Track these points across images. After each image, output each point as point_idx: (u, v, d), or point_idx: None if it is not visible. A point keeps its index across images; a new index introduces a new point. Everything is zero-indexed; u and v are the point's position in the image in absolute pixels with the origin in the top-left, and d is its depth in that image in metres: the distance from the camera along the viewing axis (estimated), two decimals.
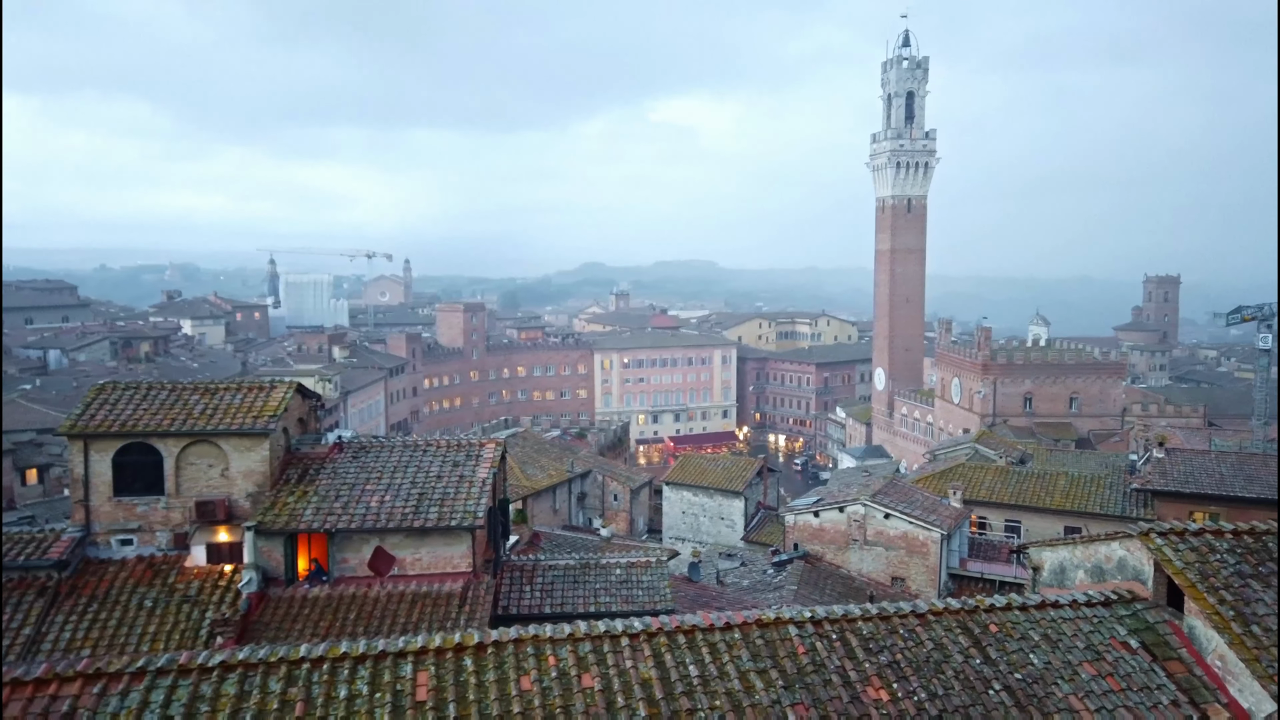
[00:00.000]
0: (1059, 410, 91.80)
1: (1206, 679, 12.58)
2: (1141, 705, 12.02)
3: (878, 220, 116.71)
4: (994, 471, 46.87)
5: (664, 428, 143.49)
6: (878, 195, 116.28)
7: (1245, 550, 13.86)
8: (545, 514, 47.40)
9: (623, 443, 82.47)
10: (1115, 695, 12.13)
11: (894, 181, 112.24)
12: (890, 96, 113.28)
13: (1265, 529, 14.41)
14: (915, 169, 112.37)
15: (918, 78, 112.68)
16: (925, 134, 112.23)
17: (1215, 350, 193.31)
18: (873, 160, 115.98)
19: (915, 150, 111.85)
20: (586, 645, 12.17)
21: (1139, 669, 12.65)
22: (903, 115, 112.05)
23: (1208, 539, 14.08)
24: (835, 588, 33.63)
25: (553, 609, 22.49)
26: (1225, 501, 35.84)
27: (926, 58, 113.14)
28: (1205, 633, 12.90)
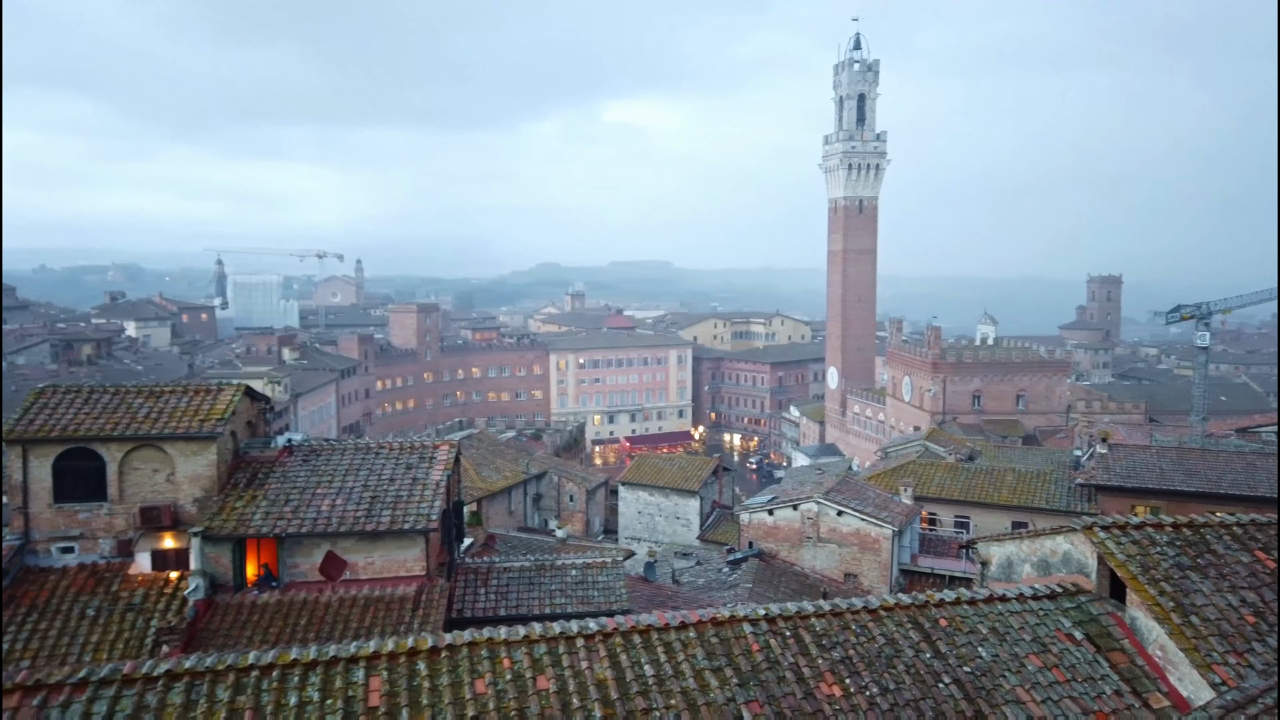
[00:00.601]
0: (1007, 408, 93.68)
1: (1148, 668, 12.92)
2: (1086, 695, 12.31)
3: (830, 221, 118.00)
4: (944, 468, 47.64)
5: (620, 428, 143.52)
6: (830, 196, 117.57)
7: (1184, 543, 14.28)
8: (500, 516, 47.11)
9: (579, 443, 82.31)
10: (1061, 686, 12.41)
11: (846, 183, 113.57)
12: (842, 99, 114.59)
13: (1203, 522, 14.85)
14: (866, 170, 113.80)
15: (869, 80, 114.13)
16: (876, 136, 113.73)
17: (1156, 348, 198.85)
18: (825, 162, 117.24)
19: (866, 152, 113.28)
20: (542, 647, 12.13)
21: (1083, 660, 12.96)
22: (854, 117, 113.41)
23: (1148, 532, 14.48)
24: (789, 585, 33.92)
25: (508, 611, 22.37)
26: (1165, 495, 36.82)
27: (877, 61, 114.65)
28: (1146, 623, 13.26)
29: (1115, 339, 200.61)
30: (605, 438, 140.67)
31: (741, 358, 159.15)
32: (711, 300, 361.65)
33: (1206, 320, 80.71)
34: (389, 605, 20.33)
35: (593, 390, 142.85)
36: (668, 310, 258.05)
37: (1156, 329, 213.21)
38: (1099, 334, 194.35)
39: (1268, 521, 14.87)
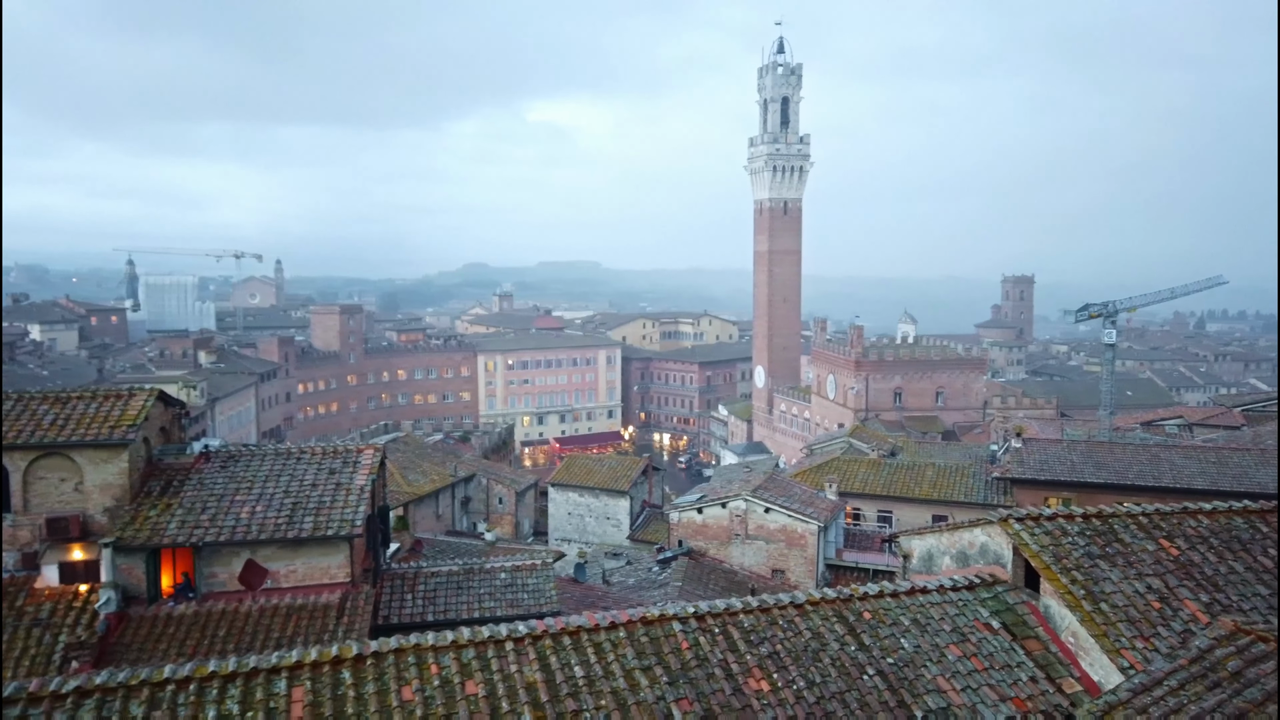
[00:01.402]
0: (926, 404, 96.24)
1: (1061, 655, 13.42)
2: (1003, 683, 12.73)
3: (756, 222, 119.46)
4: (867, 464, 48.67)
5: (549, 429, 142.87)
6: (755, 198, 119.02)
7: (1094, 533, 14.86)
8: (428, 520, 46.46)
9: (508, 445, 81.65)
10: (979, 674, 12.80)
11: (771, 185, 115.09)
12: (766, 102, 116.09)
13: (1111, 512, 15.49)
14: (791, 173, 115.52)
15: (792, 84, 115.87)
16: (800, 139, 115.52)
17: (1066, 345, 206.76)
18: (750, 164, 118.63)
19: (791, 154, 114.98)
20: (470, 652, 12.01)
21: (1000, 648, 13.39)
22: (778, 120, 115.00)
23: (1060, 523, 15.03)
24: (718, 582, 34.23)
25: (436, 617, 22.07)
26: (1076, 487, 38.28)
27: (800, 64, 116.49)
28: (1059, 611, 13.77)
29: (1028, 337, 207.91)
30: (535, 439, 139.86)
31: (670, 358, 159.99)
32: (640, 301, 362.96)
33: (1113, 319, 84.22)
34: (312, 614, 19.86)
35: (522, 391, 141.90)
36: (597, 311, 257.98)
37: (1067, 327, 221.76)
38: (1013, 332, 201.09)
39: (1170, 511, 15.58)
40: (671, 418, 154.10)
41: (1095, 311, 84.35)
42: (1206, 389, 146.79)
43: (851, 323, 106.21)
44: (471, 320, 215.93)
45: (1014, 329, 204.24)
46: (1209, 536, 14.89)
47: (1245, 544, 14.78)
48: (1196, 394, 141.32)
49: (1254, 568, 14.28)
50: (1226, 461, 38.22)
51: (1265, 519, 15.42)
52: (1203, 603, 13.42)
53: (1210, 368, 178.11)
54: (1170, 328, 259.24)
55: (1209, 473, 37.20)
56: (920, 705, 12.04)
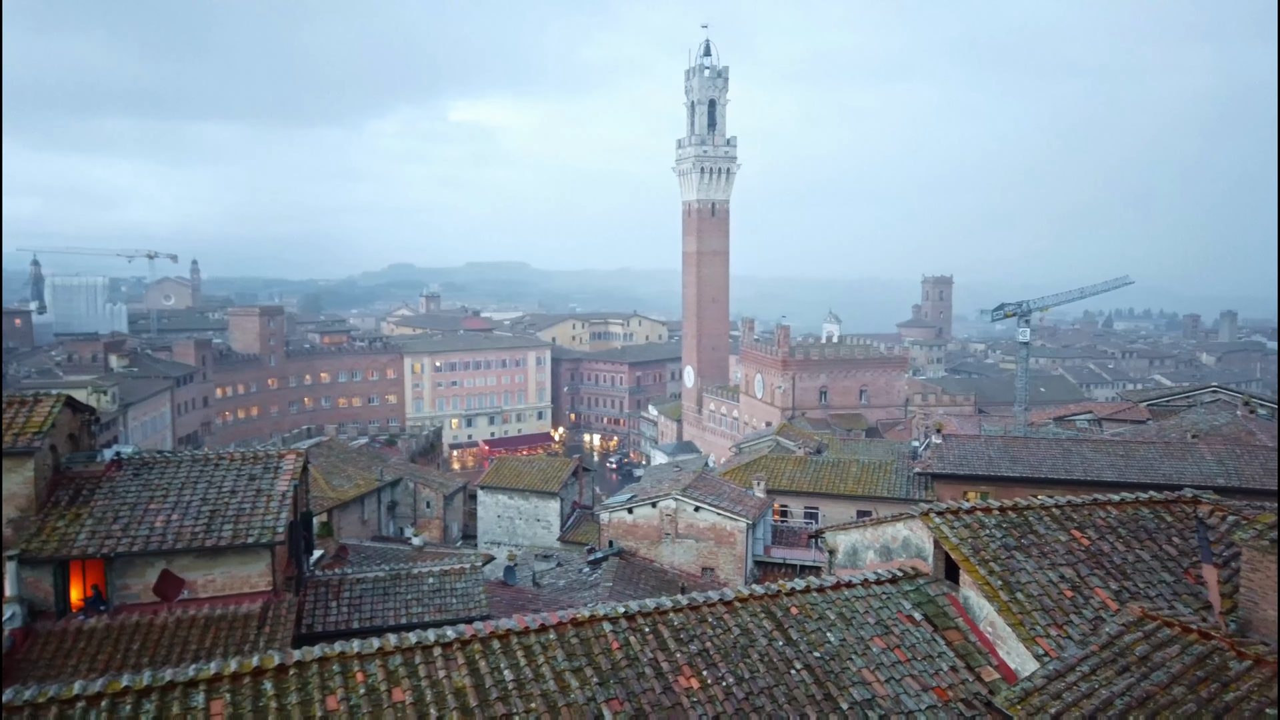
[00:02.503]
0: (851, 402, 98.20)
1: (980, 644, 13.84)
2: (925, 673, 13.07)
3: (684, 223, 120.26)
4: (794, 462, 49.41)
5: (478, 431, 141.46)
6: (684, 199, 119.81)
7: (1010, 525, 15.37)
8: (353, 526, 45.54)
9: (435, 448, 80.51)
10: (902, 666, 13.12)
11: (699, 186, 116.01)
12: (694, 104, 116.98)
13: (1026, 505, 16.03)
14: (718, 174, 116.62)
15: (719, 86, 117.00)
16: (727, 141, 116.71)
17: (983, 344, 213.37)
18: (678, 165, 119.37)
19: (718, 156, 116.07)
20: (397, 658, 11.83)
21: (922, 639, 13.74)
22: (705, 122, 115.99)
23: (978, 516, 15.50)
24: (649, 582, 34.34)
25: (361, 624, 21.65)
26: (993, 481, 39.48)
27: (726, 67, 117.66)
28: (978, 602, 14.19)
29: (947, 336, 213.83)
30: (463, 441, 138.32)
31: (600, 358, 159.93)
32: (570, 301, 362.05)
33: (1027, 318, 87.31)
34: (232, 624, 19.28)
35: (449, 393, 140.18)
36: (526, 312, 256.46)
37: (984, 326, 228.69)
38: (933, 331, 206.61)
39: (1081, 502, 16.21)
40: (602, 418, 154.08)
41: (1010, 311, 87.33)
42: (1114, 385, 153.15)
43: (778, 323, 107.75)
44: (398, 322, 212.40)
45: (934, 328, 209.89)
46: (1117, 526, 15.53)
47: (1151, 533, 15.46)
48: (1105, 390, 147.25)
49: (1159, 556, 14.95)
50: (1133, 454, 39.88)
51: (1169, 509, 16.15)
52: (1112, 590, 13.99)
53: (1118, 364, 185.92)
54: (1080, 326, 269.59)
55: (1117, 465, 38.76)
56: (846, 697, 12.29)
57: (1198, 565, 14.58)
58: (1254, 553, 12.04)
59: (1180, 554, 14.96)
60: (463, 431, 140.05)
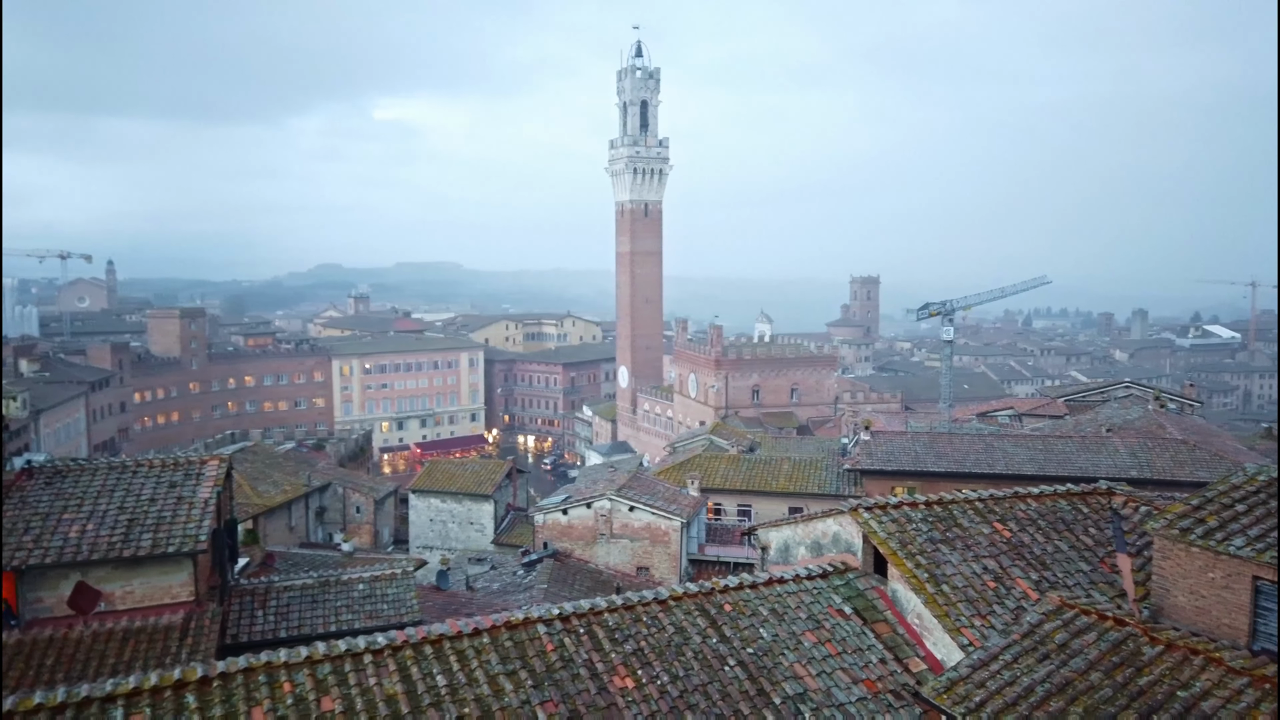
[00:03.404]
0: (782, 400, 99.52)
1: (907, 636, 14.16)
2: (855, 666, 13.32)
3: (618, 224, 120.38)
4: (727, 460, 49.85)
5: (410, 434, 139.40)
6: (617, 200, 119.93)
7: (936, 519, 15.76)
8: (280, 532, 44.44)
9: (365, 452, 79.07)
10: (833, 659, 13.35)
11: (631, 187, 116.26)
12: (626, 105, 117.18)
13: (951, 499, 16.45)
14: (651, 175, 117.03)
15: (650, 87, 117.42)
16: (659, 142, 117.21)
17: (909, 342, 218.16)
18: (611, 166, 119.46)
19: (650, 157, 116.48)
20: (326, 667, 11.59)
21: (852, 633, 14.01)
22: (638, 123, 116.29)
23: (905, 511, 15.86)
24: (584, 582, 34.27)
25: (289, 633, 21.12)
26: (920, 476, 40.40)
27: (658, 69, 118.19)
28: (906, 595, 14.52)
29: (875, 335, 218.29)
30: (394, 445, 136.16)
31: (534, 359, 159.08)
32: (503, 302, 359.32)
33: (950, 317, 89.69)
34: (153, 636, 18.65)
35: (380, 396, 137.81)
36: (458, 312, 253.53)
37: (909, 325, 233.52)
38: (861, 330, 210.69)
39: (1003, 496, 16.70)
40: (536, 419, 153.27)
41: (935, 310, 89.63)
42: (1034, 381, 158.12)
43: (711, 323, 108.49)
44: (325, 323, 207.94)
45: (862, 327, 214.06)
46: (1037, 518, 16.05)
47: (1069, 524, 16.02)
48: (1025, 386, 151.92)
49: (1077, 546, 15.50)
50: (1052, 448, 41.25)
51: (1086, 501, 16.76)
52: (1033, 580, 14.46)
53: (1037, 361, 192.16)
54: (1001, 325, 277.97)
55: (1037, 459, 40.04)
56: (779, 692, 12.45)
57: (1113, 554, 15.15)
58: (1165, 541, 12.56)
59: (1096, 544, 15.54)
60: (394, 434, 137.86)
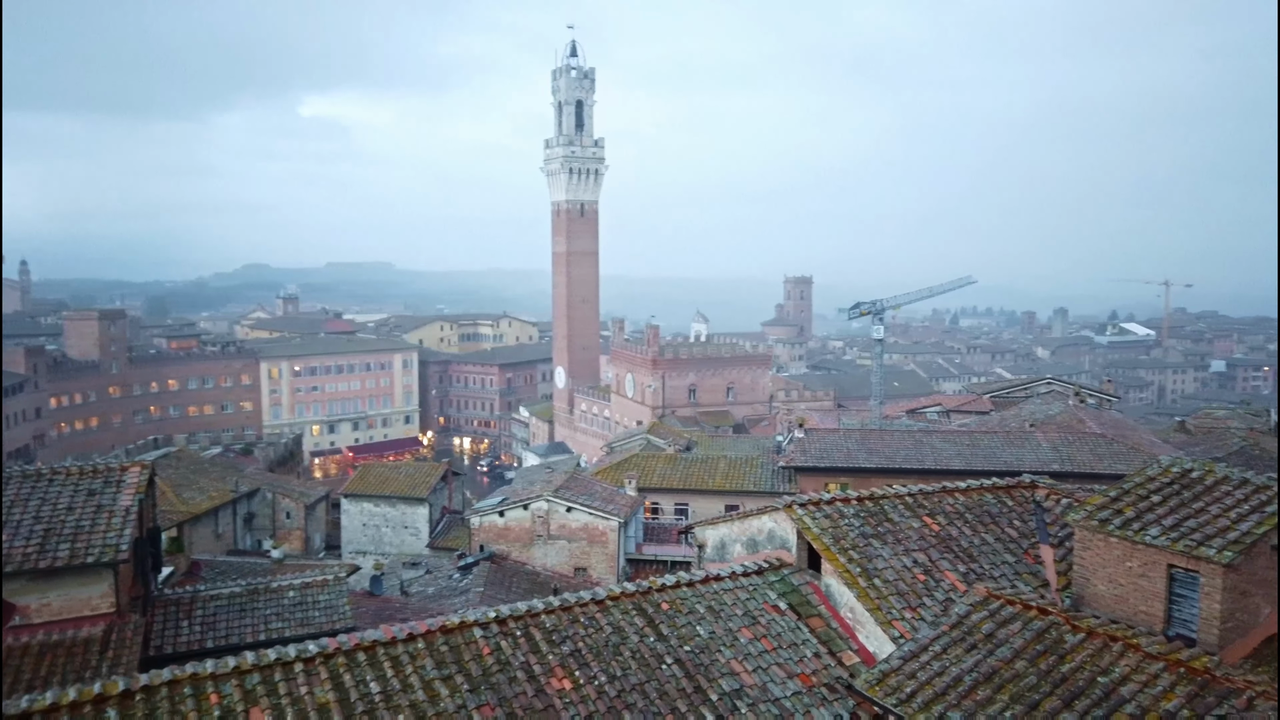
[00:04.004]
0: (718, 399, 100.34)
1: (841, 630, 14.40)
2: (790, 660, 13.49)
3: (554, 224, 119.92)
4: (664, 459, 50.08)
5: (342, 438, 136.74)
6: (553, 200, 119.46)
7: (868, 514, 16.06)
8: (206, 540, 43.22)
9: (295, 456, 77.33)
10: (769, 655, 13.51)
11: (567, 186, 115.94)
12: (561, 104, 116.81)
13: (882, 494, 16.78)
14: (587, 175, 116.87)
15: (586, 87, 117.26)
16: (595, 142, 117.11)
17: (842, 341, 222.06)
18: (547, 165, 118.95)
19: (586, 157, 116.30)
20: (255, 677, 11.30)
21: (787, 628, 14.19)
22: (573, 123, 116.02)
23: (838, 506, 16.12)
24: (521, 585, 34.06)
25: (216, 643, 20.55)
26: (852, 472, 41.13)
27: (593, 68, 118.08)
28: (839, 589, 14.77)
29: (808, 334, 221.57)
30: (326, 449, 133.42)
31: (470, 360, 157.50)
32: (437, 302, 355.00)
33: (881, 316, 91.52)
34: (71, 650, 17.96)
35: (310, 399, 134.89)
36: (391, 313, 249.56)
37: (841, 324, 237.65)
38: (795, 329, 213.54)
39: (932, 490, 17.10)
40: (472, 421, 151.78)
41: (866, 309, 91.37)
42: (961, 378, 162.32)
43: (648, 322, 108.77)
44: (253, 325, 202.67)
45: (795, 326, 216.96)
46: (964, 512, 16.47)
47: (995, 517, 16.48)
48: (952, 383, 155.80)
49: (1002, 538, 15.96)
50: (978, 443, 42.39)
51: (1010, 494, 17.26)
52: (960, 572, 14.84)
53: (963, 359, 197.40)
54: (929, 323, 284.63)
55: (964, 454, 41.10)
56: (715, 689, 12.55)
57: (1036, 546, 15.63)
58: (1085, 532, 13.00)
59: (1020, 535, 16.01)
60: (325, 438, 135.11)
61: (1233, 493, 12.62)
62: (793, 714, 12.47)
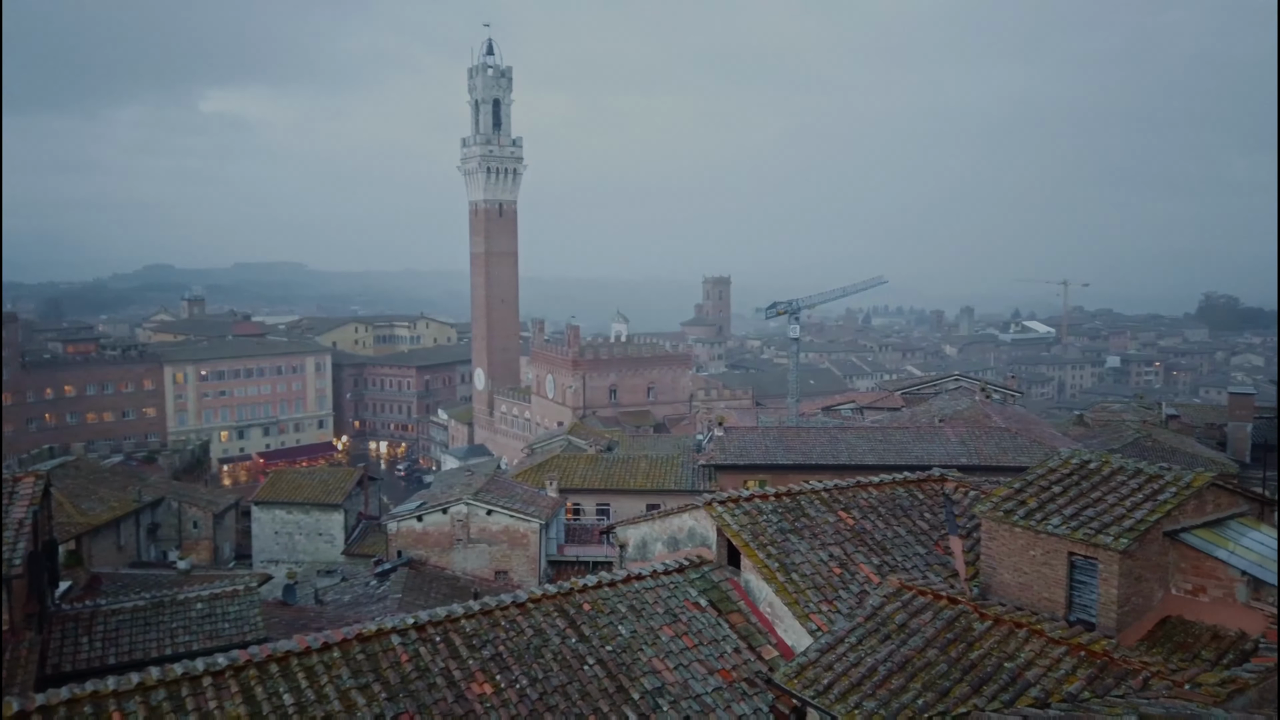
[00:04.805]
0: (639, 399, 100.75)
1: (760, 625, 14.61)
2: (711, 657, 13.63)
3: (471, 223, 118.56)
4: (585, 460, 50.03)
5: (252, 443, 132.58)
6: (470, 199, 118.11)
7: (785, 510, 16.33)
8: (108, 553, 41.39)
9: (203, 464, 74.69)
10: (690, 651, 13.62)
11: (485, 186, 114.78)
12: (478, 103, 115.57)
13: (799, 490, 17.09)
14: (505, 174, 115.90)
15: (503, 86, 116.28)
16: (513, 141, 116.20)
17: (759, 340, 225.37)
18: (464, 164, 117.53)
19: (504, 156, 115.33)
20: (160, 693, 10.88)
21: (708, 625, 14.33)
22: (491, 121, 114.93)
23: (756, 503, 16.36)
24: (441, 590, 33.58)
25: (119, 659, 19.69)
26: (770, 469, 41.77)
27: (510, 67, 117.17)
28: (758, 584, 14.98)
29: (727, 333, 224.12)
30: (235, 455, 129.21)
31: (386, 362, 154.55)
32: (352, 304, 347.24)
33: (796, 315, 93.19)
34: None
35: (218, 404, 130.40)
36: (303, 315, 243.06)
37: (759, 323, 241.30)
38: (714, 329, 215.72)
39: (846, 485, 17.49)
40: (389, 424, 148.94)
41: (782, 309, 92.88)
42: (874, 376, 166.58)
43: (569, 323, 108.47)
44: (156, 328, 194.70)
45: (715, 326, 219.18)
46: (878, 506, 16.90)
47: (906, 510, 16.95)
48: (865, 380, 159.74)
49: (914, 530, 16.42)
50: (890, 439, 43.54)
51: (921, 487, 17.77)
52: (874, 565, 15.22)
53: (876, 357, 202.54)
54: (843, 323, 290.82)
55: (877, 449, 42.15)
56: (637, 688, 12.59)
57: (946, 537, 16.14)
58: (991, 523, 13.49)
59: (931, 528, 16.51)
60: (234, 444, 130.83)
61: (1127, 482, 13.26)
62: (713, 709, 12.61)
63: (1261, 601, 11.83)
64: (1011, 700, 10.64)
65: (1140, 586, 12.16)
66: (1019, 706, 10.35)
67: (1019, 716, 9.64)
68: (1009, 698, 10.69)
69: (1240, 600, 11.94)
